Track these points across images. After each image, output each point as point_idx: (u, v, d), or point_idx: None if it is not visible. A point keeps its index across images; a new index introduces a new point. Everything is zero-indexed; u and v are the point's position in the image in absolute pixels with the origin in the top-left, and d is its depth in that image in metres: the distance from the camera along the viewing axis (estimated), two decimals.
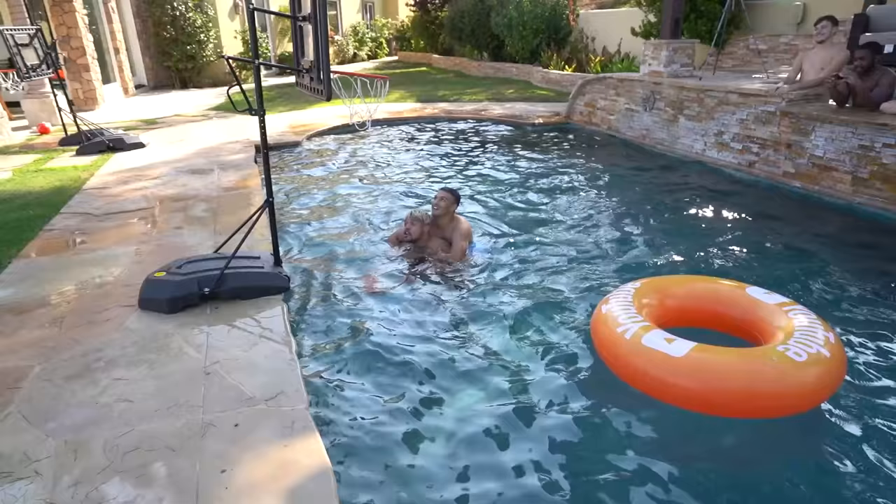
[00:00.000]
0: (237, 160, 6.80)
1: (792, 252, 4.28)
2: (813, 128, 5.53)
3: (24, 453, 2.10)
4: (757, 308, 2.66)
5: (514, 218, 5.07)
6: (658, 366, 2.30)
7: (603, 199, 5.58)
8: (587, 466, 2.29)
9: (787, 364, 2.19)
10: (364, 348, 3.04)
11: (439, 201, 4.06)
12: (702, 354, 2.27)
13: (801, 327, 2.40)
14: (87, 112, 9.96)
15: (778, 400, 2.21)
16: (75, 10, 10.59)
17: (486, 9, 15.27)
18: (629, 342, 2.41)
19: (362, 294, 3.62)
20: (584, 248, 4.36)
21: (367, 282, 3.76)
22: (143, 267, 3.65)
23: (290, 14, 3.30)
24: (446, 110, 10.43)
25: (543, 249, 4.32)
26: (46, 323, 3.04)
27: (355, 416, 2.53)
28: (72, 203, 5.16)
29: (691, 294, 2.88)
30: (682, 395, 2.29)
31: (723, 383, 2.22)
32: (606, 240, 4.51)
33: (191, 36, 14.37)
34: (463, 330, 3.23)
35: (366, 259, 4.12)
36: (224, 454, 2.08)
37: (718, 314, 2.79)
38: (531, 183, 6.17)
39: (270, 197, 3.42)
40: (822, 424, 2.47)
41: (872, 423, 2.44)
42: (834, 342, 2.33)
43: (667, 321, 2.71)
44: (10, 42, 6.87)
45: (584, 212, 5.20)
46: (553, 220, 5.01)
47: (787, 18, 9.29)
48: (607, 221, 4.93)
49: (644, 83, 7.87)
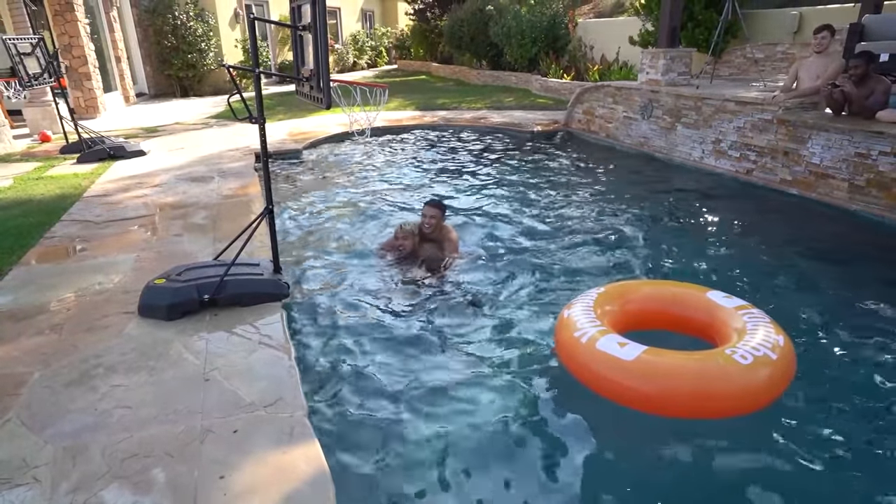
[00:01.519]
0: (237, 168, 6.82)
1: (786, 258, 4.30)
2: (809, 136, 5.57)
3: (23, 459, 2.11)
4: (715, 311, 2.72)
5: (511, 225, 5.08)
6: (610, 369, 2.37)
7: (600, 207, 5.60)
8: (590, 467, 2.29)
9: (732, 366, 2.25)
10: (363, 355, 3.05)
11: (430, 220, 4.07)
12: (650, 357, 2.33)
13: (752, 330, 2.46)
14: (88, 120, 10.01)
15: (722, 401, 2.26)
16: (77, 19, 10.67)
17: (485, 18, 15.38)
18: (584, 346, 2.48)
19: (361, 302, 3.63)
20: (581, 254, 4.38)
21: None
22: (143, 274, 3.66)
23: (291, 24, 3.33)
24: (445, 118, 10.48)
25: (540, 256, 4.34)
26: (46, 329, 3.05)
27: (354, 423, 2.54)
28: (72, 210, 5.18)
29: (651, 298, 2.94)
30: (632, 397, 2.36)
31: (669, 385, 2.28)
32: (602, 246, 4.53)
33: (192, 45, 14.45)
34: (463, 337, 3.24)
35: (365, 266, 4.13)
36: (223, 460, 2.09)
37: (679, 317, 2.86)
38: (528, 190, 6.20)
39: (270, 204, 3.44)
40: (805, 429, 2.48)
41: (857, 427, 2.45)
42: (783, 345, 2.38)
43: (628, 325, 2.79)
44: (12, 51, 6.92)
45: (580, 218, 5.22)
46: (550, 227, 5.02)
47: (784, 27, 9.36)
48: (603, 228, 4.94)
49: (642, 91, 7.92)
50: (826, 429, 2.49)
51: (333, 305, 3.58)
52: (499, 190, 6.25)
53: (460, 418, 2.56)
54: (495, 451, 2.38)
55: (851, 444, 2.40)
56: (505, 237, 4.76)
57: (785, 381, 2.33)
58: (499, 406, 2.64)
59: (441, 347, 3.14)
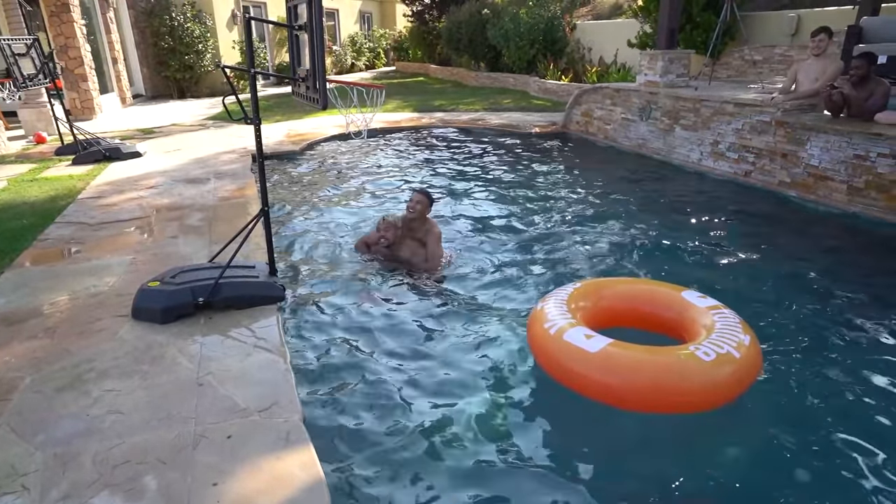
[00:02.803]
0: (233, 169, 6.78)
1: (784, 260, 4.28)
2: (808, 137, 5.55)
3: (12, 466, 2.06)
4: (687, 310, 2.75)
5: (505, 226, 5.06)
6: (574, 360, 2.41)
7: (596, 208, 5.58)
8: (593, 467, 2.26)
9: (692, 362, 2.27)
10: (358, 359, 3.01)
11: (415, 204, 4.05)
12: (614, 350, 2.36)
13: (720, 329, 2.47)
14: (84, 122, 9.95)
15: (681, 396, 2.28)
16: (73, 20, 10.61)
17: (483, 20, 15.38)
18: (552, 337, 2.52)
19: (356, 305, 3.59)
20: (574, 254, 4.35)
21: (365, 298, 3.72)
22: (138, 276, 3.62)
23: (287, 24, 3.30)
24: (443, 120, 10.45)
25: (532, 256, 4.32)
26: (39, 333, 3.01)
27: (350, 428, 2.50)
28: (67, 212, 5.13)
29: (625, 295, 2.98)
30: (594, 389, 2.39)
31: (629, 378, 2.31)
32: (595, 247, 4.50)
33: (189, 46, 14.41)
34: (460, 338, 3.20)
35: (361, 268, 4.10)
36: (216, 467, 2.05)
37: (651, 315, 2.88)
38: (524, 191, 6.18)
39: (266, 206, 3.40)
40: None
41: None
42: (748, 344, 2.39)
43: (601, 321, 2.81)
44: (6, 52, 6.87)
45: (575, 220, 5.20)
46: (542, 228, 5.00)
47: (782, 29, 9.38)
48: (598, 230, 4.92)
49: (640, 93, 7.91)
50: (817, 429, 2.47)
51: (329, 308, 3.54)
52: (495, 191, 6.22)
53: (460, 421, 2.52)
54: (494, 454, 2.34)
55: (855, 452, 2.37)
56: (496, 237, 4.74)
57: (747, 379, 2.36)
58: (498, 407, 2.61)
59: (438, 349, 3.10)
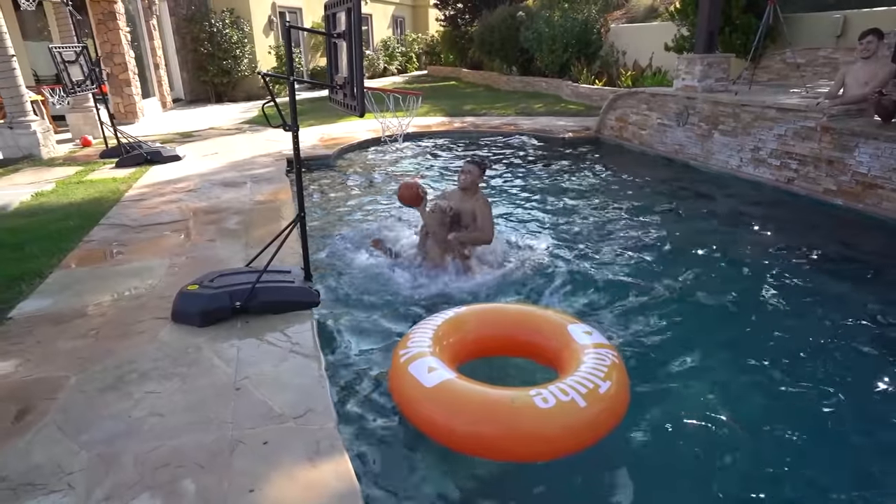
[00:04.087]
0: (269, 173, 6.90)
1: (833, 268, 4.12)
2: (856, 144, 5.34)
3: (58, 465, 2.13)
4: (566, 345, 2.55)
5: (539, 231, 5.00)
6: (411, 393, 2.29)
7: (629, 215, 5.47)
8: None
9: (525, 409, 2.08)
10: None
11: (466, 174, 3.98)
12: (448, 387, 2.22)
13: (580, 371, 2.27)
14: (127, 125, 10.28)
15: (507, 443, 2.10)
16: (119, 27, 10.99)
17: (516, 23, 15.31)
18: (400, 366, 2.40)
19: (393, 309, 3.60)
20: (609, 262, 4.27)
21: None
22: (177, 279, 3.71)
23: (325, 31, 3.33)
24: (475, 124, 10.44)
25: (569, 262, 4.25)
26: (83, 333, 3.10)
27: (385, 436, 2.50)
28: (110, 214, 5.30)
29: (506, 322, 2.78)
30: (425, 426, 2.25)
31: (456, 420, 2.15)
32: (627, 257, 4.40)
33: (227, 52, 14.75)
34: None
35: (397, 272, 4.10)
36: (252, 472, 2.07)
37: (530, 345, 2.70)
38: (559, 197, 6.10)
39: (302, 212, 3.44)
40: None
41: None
42: (603, 392, 2.16)
43: (476, 349, 2.69)
44: (57, 59, 7.16)
45: (606, 227, 5.10)
46: (573, 235, 4.92)
47: (827, 31, 9.05)
48: (630, 238, 4.82)
49: (677, 98, 7.75)
50: None
51: (364, 313, 3.55)
52: (527, 197, 6.16)
53: None
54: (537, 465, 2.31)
55: None
56: (529, 244, 4.68)
57: (590, 433, 2.14)
58: None
59: None
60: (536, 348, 2.70)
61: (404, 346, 2.53)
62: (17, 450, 2.21)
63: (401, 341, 2.63)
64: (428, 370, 2.30)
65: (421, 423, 2.28)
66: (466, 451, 2.21)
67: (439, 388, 2.22)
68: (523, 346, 2.75)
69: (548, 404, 2.08)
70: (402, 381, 2.36)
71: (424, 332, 2.62)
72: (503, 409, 2.12)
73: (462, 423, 2.15)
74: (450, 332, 2.66)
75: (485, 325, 2.79)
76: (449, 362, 2.44)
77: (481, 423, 2.12)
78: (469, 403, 2.17)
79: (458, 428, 2.16)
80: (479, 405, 2.15)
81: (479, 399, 2.18)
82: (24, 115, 7.86)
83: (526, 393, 2.16)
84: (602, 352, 2.43)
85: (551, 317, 2.79)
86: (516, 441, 2.10)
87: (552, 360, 2.61)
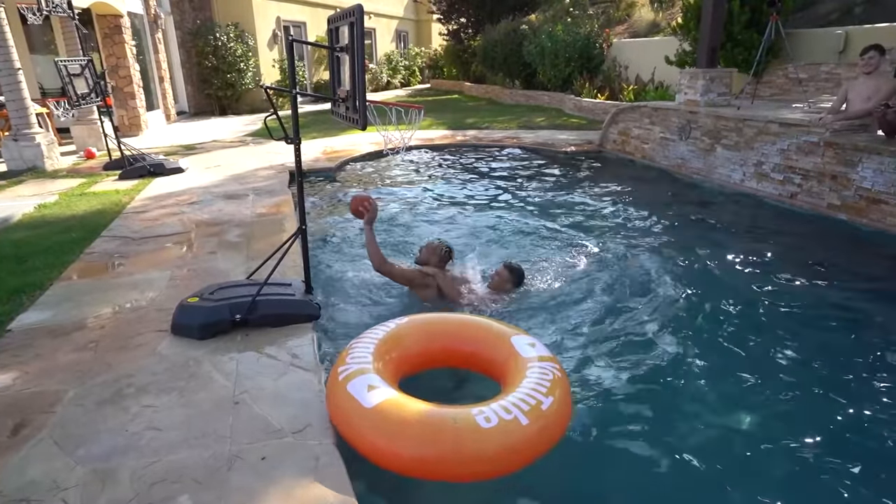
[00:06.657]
0: (271, 186, 6.91)
1: (838, 284, 4.08)
2: (860, 159, 5.33)
3: (54, 481, 2.09)
4: (509, 357, 2.49)
5: (541, 246, 4.98)
6: (349, 413, 2.18)
7: (631, 230, 5.45)
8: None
9: (466, 427, 2.01)
10: None
11: (498, 276, 3.86)
12: (388, 408, 2.12)
13: (523, 387, 2.20)
14: (131, 138, 10.33)
15: (448, 464, 2.02)
16: (125, 41, 11.10)
17: (519, 38, 15.43)
18: (338, 384, 2.29)
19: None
20: (610, 279, 4.23)
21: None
22: (178, 291, 3.69)
23: (328, 45, 3.35)
24: (477, 137, 10.47)
25: (569, 280, 4.22)
26: (82, 346, 3.08)
27: None
28: (112, 226, 5.30)
29: (443, 334, 2.73)
30: (364, 448, 2.14)
31: (396, 442, 2.06)
32: (634, 273, 4.37)
33: (231, 65, 14.88)
34: None
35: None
36: (249, 489, 2.03)
37: (474, 357, 2.65)
38: (560, 211, 6.10)
39: (303, 224, 3.43)
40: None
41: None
42: (545, 409, 2.11)
43: (419, 361, 2.64)
44: (63, 72, 7.21)
45: (614, 241, 5.08)
46: (582, 248, 4.90)
47: (829, 47, 9.09)
48: (637, 252, 4.79)
49: (680, 112, 7.77)
50: None
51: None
52: (529, 211, 6.15)
53: None
54: (537, 479, 2.27)
55: None
56: (531, 259, 4.66)
57: (532, 451, 2.08)
58: None
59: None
60: (481, 360, 2.64)
61: (343, 363, 2.41)
62: (13, 465, 2.17)
63: (340, 356, 2.51)
64: (368, 388, 2.20)
65: (361, 446, 2.15)
66: (411, 474, 2.11)
67: (378, 408, 2.12)
68: (467, 359, 2.69)
69: (490, 424, 2.02)
70: (340, 402, 2.24)
71: (365, 346, 2.52)
72: (444, 429, 2.03)
73: (402, 446, 2.05)
74: (391, 346, 2.56)
75: (428, 337, 2.71)
76: (391, 378, 2.37)
77: (421, 446, 2.03)
78: (411, 425, 2.06)
79: (398, 452, 2.06)
80: (420, 426, 2.05)
81: (417, 421, 2.07)
82: (30, 127, 7.91)
83: (468, 411, 2.08)
84: (545, 365, 2.37)
85: (495, 328, 2.72)
86: (459, 463, 2.02)
87: (496, 373, 2.55)
